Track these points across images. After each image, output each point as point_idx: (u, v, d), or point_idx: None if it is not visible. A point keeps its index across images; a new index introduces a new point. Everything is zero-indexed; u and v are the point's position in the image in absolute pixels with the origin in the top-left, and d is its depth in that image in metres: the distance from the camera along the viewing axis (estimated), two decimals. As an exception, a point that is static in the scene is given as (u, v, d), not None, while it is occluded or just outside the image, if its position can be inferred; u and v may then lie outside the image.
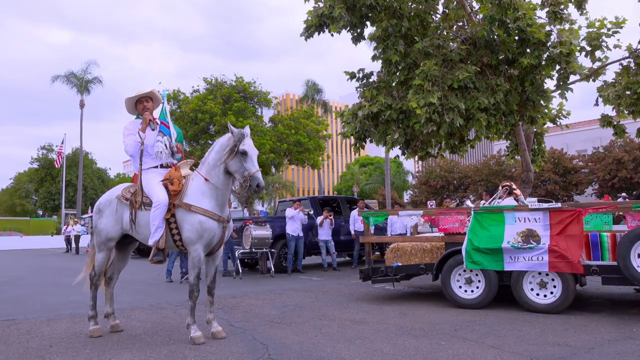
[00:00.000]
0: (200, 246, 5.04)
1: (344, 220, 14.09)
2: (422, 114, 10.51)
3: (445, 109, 10.62)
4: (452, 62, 11.31)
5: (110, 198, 5.55)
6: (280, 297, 8.31)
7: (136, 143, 5.35)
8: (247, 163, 4.97)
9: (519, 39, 11.07)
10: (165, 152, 5.47)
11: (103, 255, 5.52)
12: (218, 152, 5.18)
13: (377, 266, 7.76)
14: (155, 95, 5.68)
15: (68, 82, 40.50)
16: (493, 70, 11.54)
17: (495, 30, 11.26)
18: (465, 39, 12.03)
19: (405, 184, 59.20)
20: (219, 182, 5.12)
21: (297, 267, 12.66)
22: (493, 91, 11.06)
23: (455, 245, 6.98)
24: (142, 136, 5.36)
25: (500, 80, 11.14)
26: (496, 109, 11.02)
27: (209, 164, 5.21)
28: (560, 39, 10.84)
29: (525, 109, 11.93)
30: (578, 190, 34.07)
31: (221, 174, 5.12)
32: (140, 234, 5.26)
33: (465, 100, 10.76)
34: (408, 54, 12.52)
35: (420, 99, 10.62)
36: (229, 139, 5.10)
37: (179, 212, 5.10)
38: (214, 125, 26.37)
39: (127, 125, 5.55)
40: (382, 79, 13.50)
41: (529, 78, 11.30)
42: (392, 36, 12.13)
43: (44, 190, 55.57)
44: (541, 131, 15.94)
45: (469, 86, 10.79)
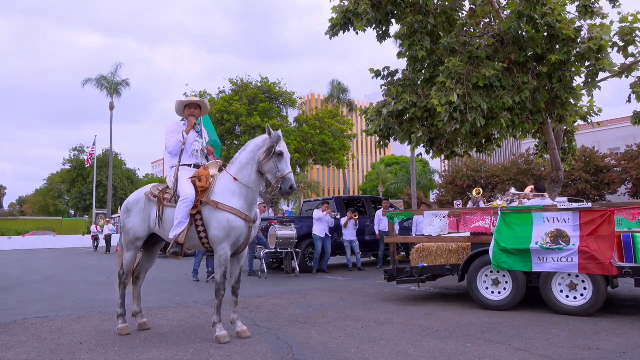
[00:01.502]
0: (228, 245, 5.09)
1: (369, 220, 14.04)
2: (443, 112, 10.41)
3: (469, 107, 10.49)
4: (479, 59, 11.15)
5: (139, 197, 5.67)
6: (305, 297, 8.33)
7: (178, 142, 5.52)
8: (281, 164, 5.07)
9: (548, 35, 10.83)
10: (201, 152, 5.64)
11: (131, 255, 5.63)
12: (252, 151, 5.26)
13: (402, 267, 7.70)
14: (205, 105, 5.92)
15: (99, 85, 41.50)
16: (521, 67, 11.32)
17: (524, 26, 11.04)
18: (493, 35, 11.83)
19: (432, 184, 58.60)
20: (250, 182, 5.20)
21: (323, 267, 12.67)
22: (520, 89, 10.85)
23: (482, 246, 6.87)
24: (185, 137, 5.53)
25: (527, 78, 10.92)
26: (522, 108, 10.81)
27: (240, 162, 5.29)
28: (591, 34, 10.57)
29: (554, 107, 11.68)
30: (610, 190, 33.14)
31: (253, 173, 5.20)
32: (166, 231, 5.34)
33: (490, 99, 10.59)
34: (434, 51, 12.40)
35: (442, 97, 10.52)
36: (265, 140, 5.20)
37: (206, 209, 5.16)
38: (239, 125, 26.65)
39: (170, 126, 5.74)
40: (407, 76, 13.41)
41: (557, 75, 11.05)
42: (418, 32, 12.01)
43: (76, 190, 56.98)
44: (572, 129, 15.57)
45: (494, 84, 10.62)
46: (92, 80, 40.91)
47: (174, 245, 5.15)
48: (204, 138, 5.76)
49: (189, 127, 5.59)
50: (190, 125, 5.59)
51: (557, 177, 14.27)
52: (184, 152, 5.52)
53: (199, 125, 5.76)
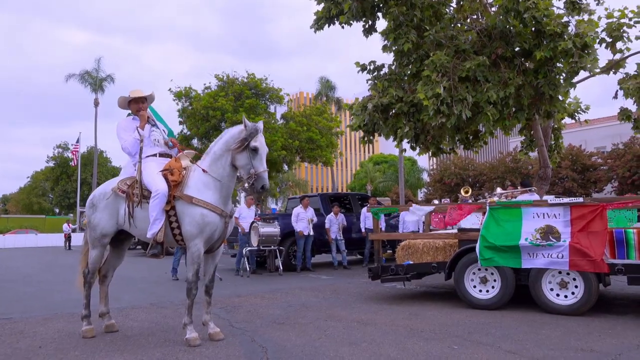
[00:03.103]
0: (201, 241, 4.76)
1: (355, 217, 13.75)
2: (430, 106, 10.20)
3: (454, 100, 10.27)
4: (465, 53, 10.92)
5: (105, 191, 5.30)
6: (286, 296, 8.01)
7: (135, 140, 5.18)
8: (255, 161, 4.73)
9: (535, 30, 10.64)
10: (162, 139, 5.31)
11: (97, 253, 5.27)
12: (227, 142, 4.92)
13: (387, 264, 7.42)
14: (150, 95, 5.56)
15: (82, 80, 40.69)
16: (508, 63, 11.12)
17: (511, 20, 10.84)
18: (480, 30, 11.61)
19: (420, 182, 58.56)
20: (224, 175, 4.87)
21: (307, 266, 12.36)
22: (505, 84, 10.64)
23: (469, 243, 6.60)
24: (142, 133, 5.19)
25: (513, 73, 10.71)
26: (505, 104, 10.61)
27: (214, 153, 4.96)
28: (578, 30, 10.37)
29: (541, 103, 11.51)
30: (597, 188, 33.25)
31: (227, 166, 4.87)
32: (139, 229, 5.00)
33: (475, 92, 10.38)
34: (420, 45, 12.18)
35: (428, 90, 10.32)
36: (241, 132, 4.84)
37: (179, 204, 4.83)
38: (225, 122, 26.19)
39: (122, 124, 5.37)
40: (394, 71, 13.17)
41: (542, 71, 10.85)
42: (404, 25, 11.77)
43: (60, 188, 56.07)
44: (559, 126, 15.47)
45: (478, 78, 10.40)
46: (76, 76, 40.14)
47: (153, 245, 4.80)
48: (161, 129, 5.43)
49: (142, 122, 5.27)
50: (143, 121, 5.28)
51: (544, 174, 14.13)
52: (145, 145, 5.19)
53: (151, 118, 5.45)
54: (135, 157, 5.20)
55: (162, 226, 4.81)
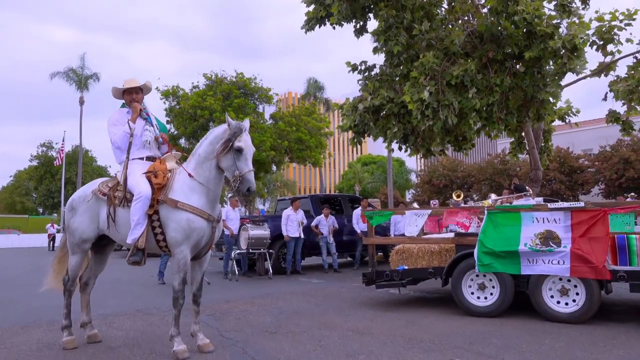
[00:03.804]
0: (187, 247, 4.50)
1: (345, 219, 13.54)
2: (414, 109, 10.07)
3: (441, 105, 10.15)
4: (456, 55, 10.78)
5: (85, 193, 5.01)
6: (277, 301, 7.76)
7: (125, 134, 4.86)
8: (240, 162, 4.45)
9: (526, 31, 10.55)
10: (153, 143, 4.99)
11: (77, 259, 4.97)
12: (211, 143, 4.65)
13: (382, 270, 7.20)
14: (147, 86, 5.22)
15: (67, 78, 39.94)
16: (499, 65, 11.01)
17: (503, 22, 10.74)
18: (472, 31, 11.49)
19: (408, 183, 58.61)
20: (210, 179, 4.60)
21: (297, 269, 12.11)
22: (491, 90, 10.52)
23: (467, 248, 6.41)
24: (132, 127, 4.87)
25: (502, 77, 10.58)
26: (489, 111, 10.50)
27: (199, 155, 4.69)
28: (569, 32, 10.29)
29: (531, 105, 11.43)
30: (584, 190, 33.45)
31: (213, 168, 4.60)
32: (121, 233, 4.71)
33: (461, 98, 10.26)
34: (411, 45, 12.05)
35: (414, 93, 10.18)
36: (225, 131, 4.57)
37: (163, 208, 4.56)
38: (213, 121, 25.82)
39: (113, 115, 5.04)
40: (385, 71, 13.04)
41: (530, 72, 10.76)
42: (393, 27, 11.65)
43: (44, 187, 55.09)
44: (549, 129, 15.45)
45: (465, 83, 10.27)
46: (61, 74, 39.37)
47: (133, 252, 4.52)
48: (154, 125, 5.08)
49: (134, 114, 4.94)
50: (135, 112, 4.94)
51: (535, 177, 14.07)
52: (133, 145, 4.86)
53: (145, 110, 5.09)
54: (123, 152, 4.87)
55: (144, 231, 4.54)
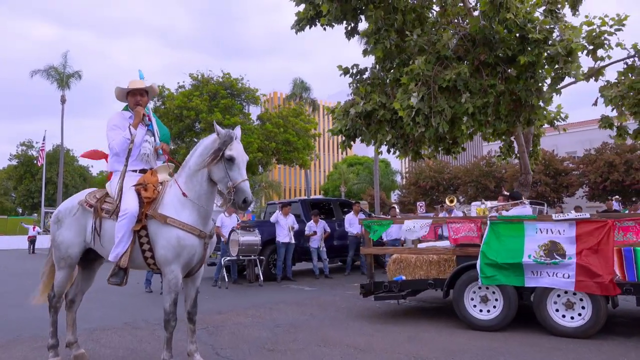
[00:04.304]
0: (178, 267, 4.22)
1: (336, 224, 13.33)
2: (404, 116, 9.92)
3: (433, 112, 10.01)
4: (448, 59, 10.65)
5: (72, 205, 4.70)
6: (271, 313, 7.51)
7: (125, 140, 4.52)
8: (232, 172, 4.14)
9: (519, 36, 10.48)
10: (152, 155, 4.68)
11: (63, 274, 4.67)
12: (201, 155, 4.35)
13: (380, 280, 6.99)
14: (153, 90, 4.88)
15: (48, 76, 39.08)
16: (490, 69, 10.91)
17: (495, 26, 10.65)
18: (464, 35, 11.38)
19: (394, 184, 58.69)
20: (201, 193, 4.31)
21: (287, 275, 11.86)
22: (485, 93, 10.42)
23: (469, 259, 6.23)
24: (133, 133, 4.53)
25: (494, 80, 10.49)
26: (484, 113, 10.40)
27: (189, 168, 4.39)
28: (562, 37, 10.24)
29: (522, 110, 11.38)
30: (568, 193, 33.76)
31: (204, 182, 4.30)
32: (106, 249, 4.42)
33: (454, 102, 10.13)
34: (403, 49, 11.91)
35: (404, 100, 10.03)
36: (214, 141, 4.28)
37: (152, 224, 4.27)
38: (199, 122, 25.45)
39: (113, 117, 4.70)
40: (377, 75, 12.89)
41: (524, 77, 10.69)
42: (382, 30, 11.51)
43: (23, 187, 53.86)
44: (538, 133, 15.47)
45: (458, 87, 10.14)
46: (41, 72, 38.50)
47: (115, 271, 4.23)
48: (155, 133, 4.73)
49: (137, 119, 4.59)
50: (138, 118, 4.60)
51: (525, 181, 14.05)
52: (131, 155, 4.54)
53: (148, 116, 4.74)
54: (121, 159, 4.54)
55: (128, 249, 4.25)
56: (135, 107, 4.68)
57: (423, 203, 31.73)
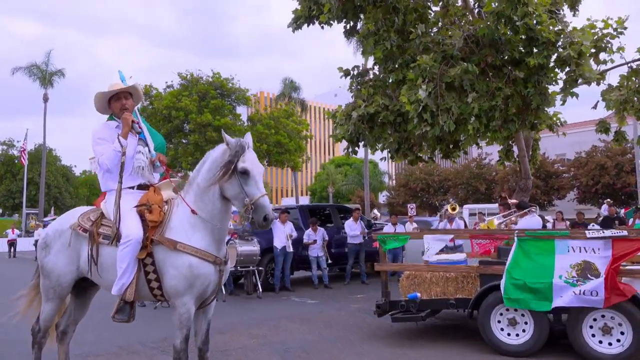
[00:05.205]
0: (191, 298, 3.72)
1: (335, 231, 12.86)
2: (411, 111, 9.54)
3: (440, 109, 9.66)
4: (454, 59, 10.29)
5: (62, 228, 4.13)
6: (277, 332, 7.01)
7: (116, 153, 3.94)
8: (248, 186, 3.65)
9: (526, 37, 10.17)
10: (148, 168, 4.10)
11: (52, 307, 4.13)
12: (210, 169, 3.82)
13: (397, 300, 6.53)
14: (137, 91, 4.29)
15: (30, 74, 38.02)
16: (496, 71, 10.58)
17: (501, 28, 10.32)
18: (468, 36, 11.01)
19: (382, 185, 58.45)
20: (214, 212, 3.79)
21: (285, 285, 11.36)
22: (493, 95, 10.09)
23: (495, 278, 5.79)
24: (124, 144, 3.95)
25: (502, 83, 10.16)
26: (491, 116, 10.06)
27: (198, 185, 3.86)
28: (572, 39, 9.95)
29: (527, 114, 11.06)
30: (559, 195, 33.71)
31: (217, 200, 3.79)
32: (105, 279, 3.90)
33: (461, 102, 9.79)
34: (406, 50, 11.54)
35: (412, 95, 9.67)
36: (224, 152, 3.78)
37: (159, 251, 3.76)
38: (188, 123, 24.83)
39: (98, 130, 4.11)
40: (378, 77, 12.50)
41: (533, 80, 10.38)
42: (382, 30, 11.14)
43: (4, 188, 52.37)
44: (536, 137, 15.24)
45: (465, 87, 9.80)
46: (23, 69, 37.44)
47: (120, 306, 3.71)
48: (149, 144, 4.17)
49: (125, 128, 4.01)
50: (126, 126, 4.02)
51: (525, 186, 13.78)
52: (124, 170, 3.96)
53: (138, 122, 4.16)
54: (114, 175, 3.98)
55: (134, 280, 3.73)
56: (122, 113, 4.09)
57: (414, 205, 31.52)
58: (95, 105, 4.26)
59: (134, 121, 4.13)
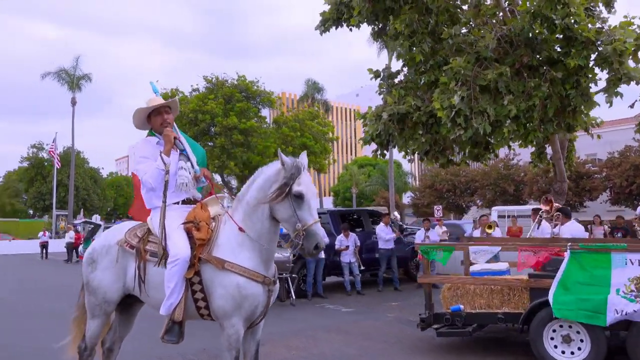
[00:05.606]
0: (239, 320, 3.59)
1: (367, 236, 12.67)
2: (444, 117, 9.31)
3: (474, 112, 9.40)
4: (487, 60, 10.01)
5: (109, 244, 4.05)
6: (315, 343, 6.87)
7: (159, 172, 3.85)
8: (302, 210, 3.50)
9: (564, 37, 9.83)
10: (191, 183, 3.99)
11: (98, 323, 4.05)
12: (262, 188, 3.68)
13: (441, 312, 6.32)
14: (176, 104, 4.23)
15: (59, 78, 38.78)
16: (532, 72, 10.26)
17: (537, 27, 10.01)
18: (502, 36, 10.70)
19: (406, 186, 57.83)
20: (263, 232, 3.66)
21: (318, 291, 11.24)
22: (529, 96, 9.77)
23: (544, 292, 5.54)
24: (167, 161, 3.85)
25: (539, 83, 9.84)
26: (529, 117, 9.74)
27: (247, 203, 3.73)
28: (613, 37, 9.59)
29: (564, 116, 10.70)
30: (591, 197, 32.82)
31: (266, 219, 3.66)
32: (152, 297, 3.81)
33: (496, 105, 9.51)
34: (437, 51, 11.31)
35: (444, 100, 9.45)
36: (278, 173, 3.63)
37: (206, 269, 3.64)
38: (214, 126, 24.90)
39: (139, 148, 4.07)
40: (409, 78, 12.30)
41: (572, 81, 10.03)
42: (418, 33, 10.95)
43: (34, 190, 53.61)
44: (572, 138, 14.80)
45: (500, 89, 9.52)
46: (52, 74, 38.19)
47: (169, 326, 3.61)
48: (191, 159, 4.06)
49: (168, 145, 3.91)
50: (169, 143, 3.91)
51: (560, 189, 13.42)
52: (168, 187, 3.85)
53: (178, 137, 4.05)
54: (158, 193, 3.88)
55: (182, 299, 3.63)
56: (164, 129, 4.00)
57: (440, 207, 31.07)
58: (134, 122, 4.20)
59: (175, 137, 4.03)
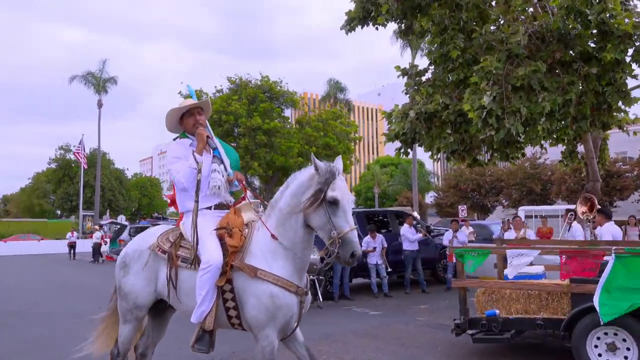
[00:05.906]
0: (274, 331, 3.49)
1: (393, 237, 12.49)
2: (475, 118, 9.08)
3: (506, 112, 9.13)
4: (519, 57, 9.73)
5: (141, 248, 4.01)
6: (346, 347, 6.75)
7: (192, 171, 3.77)
8: (337, 217, 3.37)
9: (598, 31, 9.50)
10: (224, 187, 3.91)
11: (130, 328, 4.01)
12: (295, 194, 3.58)
13: (476, 317, 6.12)
14: (209, 106, 4.19)
15: (86, 82, 39.53)
16: (565, 68, 9.94)
17: (570, 22, 9.69)
18: (533, 32, 10.40)
19: (429, 186, 57.25)
20: (296, 240, 3.56)
21: (345, 293, 11.12)
22: (564, 91, 9.46)
23: (587, 298, 5.30)
24: (199, 160, 3.77)
25: (574, 79, 9.54)
26: (564, 113, 9.42)
27: (280, 210, 3.63)
28: None
29: (599, 113, 10.36)
30: (622, 196, 31.95)
31: (300, 227, 3.55)
32: (184, 304, 3.74)
33: (529, 103, 9.22)
34: (466, 48, 11.06)
35: (475, 100, 9.21)
36: (312, 178, 3.51)
37: (238, 278, 3.55)
38: (238, 127, 24.97)
39: (172, 149, 4.00)
40: (437, 76, 12.07)
41: (608, 77, 9.70)
42: (450, 29, 10.72)
43: (62, 191, 54.74)
44: (605, 136, 14.35)
45: (534, 87, 9.22)
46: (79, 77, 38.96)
47: (199, 335, 3.53)
48: (225, 161, 3.98)
49: (201, 144, 3.85)
50: (202, 142, 3.85)
51: (593, 189, 13.00)
52: (200, 189, 3.77)
53: (211, 137, 3.99)
54: (190, 194, 3.80)
55: (213, 307, 3.53)
56: (196, 129, 3.94)
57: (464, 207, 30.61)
58: (166, 124, 4.14)
59: (208, 136, 3.96)
